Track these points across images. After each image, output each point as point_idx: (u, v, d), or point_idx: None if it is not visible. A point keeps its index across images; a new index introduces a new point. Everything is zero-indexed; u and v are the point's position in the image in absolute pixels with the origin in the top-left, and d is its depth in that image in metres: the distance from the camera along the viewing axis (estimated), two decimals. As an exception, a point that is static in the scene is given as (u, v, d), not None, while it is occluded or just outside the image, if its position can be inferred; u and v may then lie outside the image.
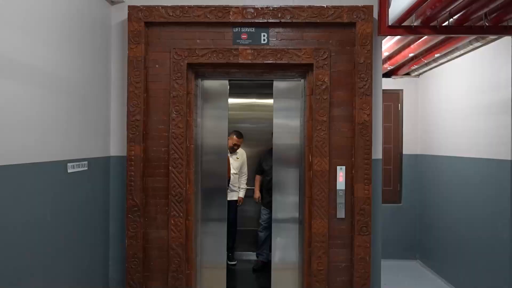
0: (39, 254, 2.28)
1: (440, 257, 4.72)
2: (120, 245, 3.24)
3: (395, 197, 5.42)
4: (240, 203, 5.15)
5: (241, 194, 5.19)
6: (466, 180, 4.10)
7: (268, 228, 4.70)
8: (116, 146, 3.27)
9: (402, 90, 5.42)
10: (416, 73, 5.26)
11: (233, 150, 4.95)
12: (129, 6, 3.11)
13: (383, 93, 5.33)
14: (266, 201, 4.80)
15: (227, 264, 4.44)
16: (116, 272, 3.27)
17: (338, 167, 3.16)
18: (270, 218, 4.50)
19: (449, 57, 4.23)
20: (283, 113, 3.54)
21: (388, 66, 4.79)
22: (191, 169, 3.28)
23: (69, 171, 2.61)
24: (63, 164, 2.55)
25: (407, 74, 5.34)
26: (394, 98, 5.43)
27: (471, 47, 3.76)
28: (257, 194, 5.10)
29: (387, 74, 5.35)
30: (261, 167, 5.01)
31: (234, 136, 4.92)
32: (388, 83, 5.38)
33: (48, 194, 2.37)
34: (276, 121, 3.53)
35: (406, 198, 5.39)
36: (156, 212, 3.21)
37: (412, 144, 5.38)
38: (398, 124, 5.43)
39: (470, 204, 4.02)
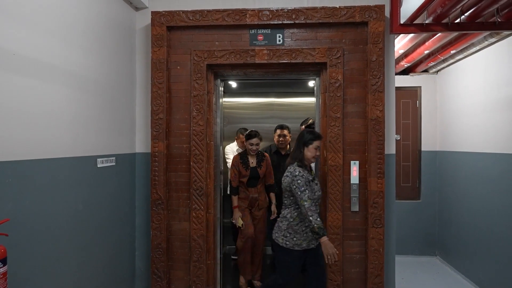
0: (72, 241, 2.50)
1: (459, 253, 4.73)
2: (146, 236, 3.46)
3: (414, 193, 5.45)
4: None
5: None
6: (484, 176, 4.12)
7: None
8: (141, 143, 3.48)
9: (420, 87, 5.44)
10: (434, 70, 5.27)
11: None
12: (152, 12, 3.32)
13: (401, 90, 5.43)
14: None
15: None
16: (142, 261, 3.48)
17: (351, 162, 3.27)
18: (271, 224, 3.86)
19: (465, 53, 4.24)
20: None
21: (405, 64, 4.83)
22: (211, 165, 3.45)
23: (98, 165, 2.83)
24: (94, 159, 2.77)
25: (425, 71, 5.36)
26: (412, 95, 5.46)
27: (486, 43, 3.77)
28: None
29: (405, 72, 5.39)
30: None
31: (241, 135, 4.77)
32: (406, 81, 5.42)
33: (80, 186, 2.59)
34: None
35: (425, 194, 5.41)
36: (179, 205, 3.40)
37: (430, 140, 5.39)
38: (417, 121, 5.45)
39: (488, 200, 4.04)
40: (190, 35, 3.37)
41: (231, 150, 4.91)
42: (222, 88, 3.86)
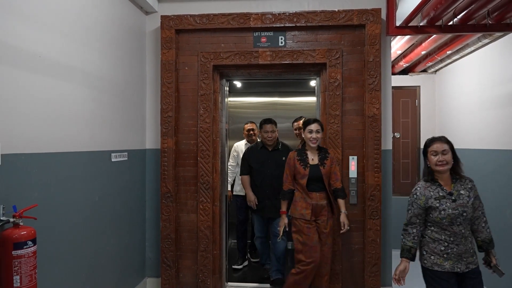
0: (89, 229, 2.71)
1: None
2: (155, 228, 3.66)
3: (413, 190, 5.60)
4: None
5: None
6: (478, 171, 4.27)
7: (265, 239, 4.17)
8: (151, 140, 3.69)
9: (419, 86, 5.60)
10: (432, 70, 5.43)
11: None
12: (161, 16, 3.52)
13: (400, 89, 5.60)
14: (260, 206, 3.91)
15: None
16: (152, 251, 3.69)
17: (350, 157, 3.45)
18: (265, 227, 4.06)
19: (461, 54, 4.40)
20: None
21: (403, 64, 5.00)
22: (217, 160, 3.65)
23: (112, 160, 3.04)
24: (108, 153, 2.97)
25: (424, 71, 5.52)
26: (411, 94, 5.62)
27: (480, 43, 3.93)
28: (252, 196, 3.92)
29: (405, 71, 5.55)
30: (249, 166, 4.00)
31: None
32: (405, 80, 5.59)
33: (96, 178, 2.80)
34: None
35: (424, 190, 5.55)
36: (187, 198, 3.60)
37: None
38: (416, 119, 5.61)
39: (481, 194, 4.19)
40: (197, 38, 3.57)
41: (240, 149, 4.63)
42: (228, 88, 4.05)
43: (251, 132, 4.66)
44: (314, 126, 3.19)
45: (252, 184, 3.96)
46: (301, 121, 4.00)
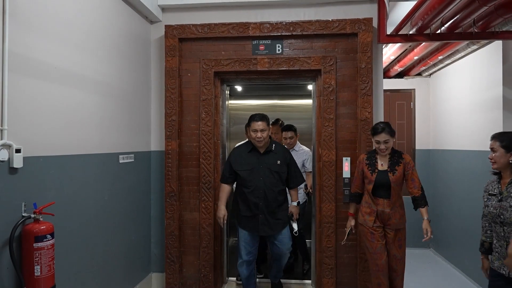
0: (99, 225, 2.93)
1: (449, 245, 5.07)
2: (160, 225, 3.87)
3: (408, 189, 5.79)
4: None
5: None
6: (469, 172, 4.46)
7: (253, 264, 3.48)
8: (155, 142, 3.90)
9: (414, 89, 5.79)
10: (427, 73, 5.61)
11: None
12: (165, 25, 3.74)
13: (396, 92, 5.80)
14: (252, 223, 3.28)
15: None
16: (157, 248, 3.90)
17: (343, 158, 3.65)
18: (254, 248, 3.38)
19: (452, 59, 4.59)
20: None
21: (398, 68, 5.19)
22: (218, 161, 3.86)
23: (120, 161, 3.25)
24: (116, 155, 3.19)
25: (419, 74, 5.70)
26: (407, 97, 5.81)
27: (469, 49, 4.12)
28: (222, 211, 3.34)
29: (400, 75, 5.74)
30: (234, 173, 3.35)
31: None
32: (401, 83, 5.78)
33: (105, 178, 3.01)
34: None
35: (419, 190, 5.74)
36: (189, 197, 3.81)
37: (424, 140, 5.73)
38: (411, 122, 5.79)
39: (472, 194, 4.38)
40: (199, 46, 3.78)
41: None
42: (228, 92, 4.26)
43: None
44: (381, 137, 3.00)
45: (240, 195, 3.30)
46: (277, 125, 4.31)
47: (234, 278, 4.13)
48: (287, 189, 3.42)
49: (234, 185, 3.52)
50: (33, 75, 2.19)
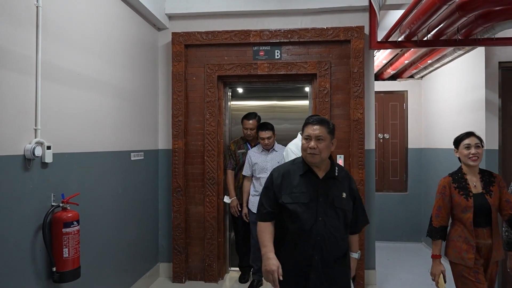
0: (114, 216, 3.21)
1: (440, 238, 5.37)
2: (167, 219, 4.15)
3: (401, 186, 6.08)
4: None
5: None
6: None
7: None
8: (163, 141, 4.19)
9: (407, 91, 6.08)
10: (418, 76, 5.90)
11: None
12: (172, 33, 4.03)
13: (390, 94, 6.09)
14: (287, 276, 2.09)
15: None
16: (164, 240, 4.19)
17: (338, 156, 3.94)
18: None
19: (441, 62, 4.88)
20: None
21: (391, 71, 5.48)
22: (221, 159, 4.14)
23: (132, 159, 3.53)
24: (128, 153, 3.47)
25: (411, 77, 6.00)
26: (400, 98, 6.10)
27: (456, 54, 4.41)
28: (274, 262, 2.01)
29: (393, 77, 6.03)
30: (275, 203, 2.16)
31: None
32: (394, 85, 6.07)
33: (119, 174, 3.30)
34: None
35: (411, 187, 6.04)
36: (195, 192, 4.10)
37: (416, 139, 6.02)
38: (404, 122, 6.08)
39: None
40: (203, 52, 4.07)
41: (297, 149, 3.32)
42: (230, 94, 4.54)
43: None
44: (471, 140, 2.58)
45: (282, 240, 2.09)
46: (252, 121, 3.93)
47: (237, 269, 4.40)
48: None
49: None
50: (60, 81, 2.48)
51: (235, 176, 4.05)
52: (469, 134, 2.64)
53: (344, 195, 2.09)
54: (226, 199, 4.01)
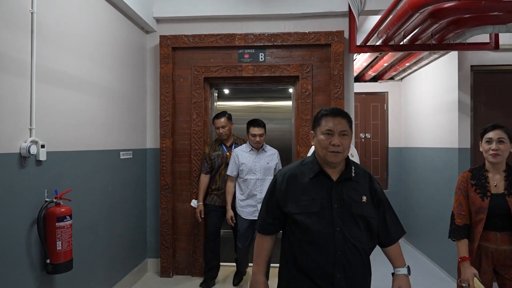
0: (104, 212, 3.34)
1: (418, 234, 5.60)
2: (155, 216, 4.29)
3: (382, 184, 6.31)
4: None
5: None
6: (433, 167, 4.99)
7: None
8: (151, 140, 4.32)
9: (387, 92, 6.31)
10: (398, 77, 6.14)
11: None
12: (160, 36, 4.17)
13: (371, 95, 6.32)
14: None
15: None
16: (152, 236, 4.32)
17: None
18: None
19: (419, 65, 5.11)
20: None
21: (372, 73, 5.70)
22: (208, 157, 4.29)
23: (121, 157, 3.66)
24: (117, 152, 3.60)
25: (391, 78, 6.23)
26: (380, 99, 6.33)
27: (432, 57, 4.64)
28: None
29: (374, 79, 6.26)
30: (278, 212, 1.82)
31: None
32: (375, 87, 6.30)
33: (109, 172, 3.42)
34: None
35: (392, 185, 6.28)
36: (182, 190, 4.25)
37: (396, 138, 6.26)
38: (384, 122, 6.32)
39: (436, 187, 4.91)
40: (190, 54, 4.22)
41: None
42: (216, 95, 4.70)
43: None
44: (494, 134, 2.25)
45: (297, 255, 1.71)
46: (223, 119, 3.83)
47: (224, 263, 4.54)
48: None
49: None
50: (53, 83, 2.61)
51: (211, 179, 3.96)
52: (495, 127, 2.29)
53: (364, 198, 1.73)
54: (193, 203, 4.06)
